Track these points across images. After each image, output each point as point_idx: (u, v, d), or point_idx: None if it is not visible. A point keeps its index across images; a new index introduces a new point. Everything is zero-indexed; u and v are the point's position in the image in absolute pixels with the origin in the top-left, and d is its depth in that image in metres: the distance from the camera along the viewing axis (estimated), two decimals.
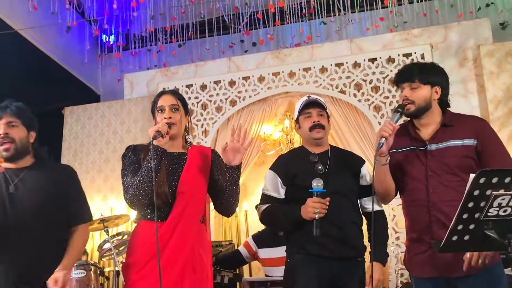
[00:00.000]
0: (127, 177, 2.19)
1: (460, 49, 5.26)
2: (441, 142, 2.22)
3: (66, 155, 6.21)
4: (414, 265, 2.23)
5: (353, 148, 5.17)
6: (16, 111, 2.27)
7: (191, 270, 2.15)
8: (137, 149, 2.28)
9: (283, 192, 2.60)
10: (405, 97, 2.26)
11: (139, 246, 2.16)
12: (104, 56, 6.94)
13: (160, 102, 2.30)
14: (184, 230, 2.17)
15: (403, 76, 2.32)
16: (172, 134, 2.25)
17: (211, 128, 5.68)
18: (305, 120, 2.63)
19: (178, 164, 2.27)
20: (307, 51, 5.71)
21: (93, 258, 5.29)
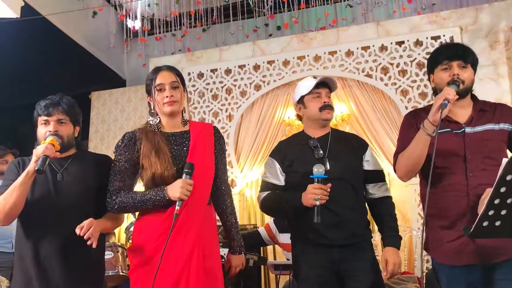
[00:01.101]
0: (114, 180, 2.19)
1: (491, 31, 5.12)
2: (477, 125, 2.15)
3: (93, 139, 6.31)
4: (446, 253, 2.12)
5: (379, 133, 5.12)
6: (67, 109, 2.31)
7: (201, 256, 2.11)
8: (133, 139, 2.23)
9: (283, 178, 2.52)
10: (456, 74, 2.14)
11: (145, 231, 2.16)
12: (130, 41, 6.98)
13: (158, 80, 2.23)
14: (191, 214, 2.13)
15: (455, 53, 2.19)
16: (174, 112, 2.24)
17: (235, 112, 5.68)
18: (314, 100, 2.53)
19: (182, 143, 2.24)
20: (332, 35, 5.64)
21: (120, 240, 5.39)
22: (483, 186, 1.99)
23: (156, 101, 2.23)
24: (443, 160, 2.13)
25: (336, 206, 2.35)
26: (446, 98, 2.01)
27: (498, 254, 2.01)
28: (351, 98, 5.32)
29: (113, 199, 2.17)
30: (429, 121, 2.05)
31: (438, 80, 2.21)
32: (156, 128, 2.25)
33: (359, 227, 2.44)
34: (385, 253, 2.42)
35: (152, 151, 2.16)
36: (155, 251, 2.09)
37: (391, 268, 2.39)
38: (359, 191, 2.50)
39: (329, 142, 2.51)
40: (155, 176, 2.13)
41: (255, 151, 5.55)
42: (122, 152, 2.21)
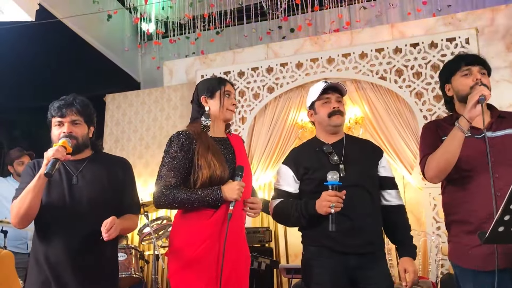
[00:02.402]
0: (167, 176, 2.19)
1: (508, 33, 5.04)
2: (498, 130, 2.16)
3: (108, 141, 6.36)
4: (473, 258, 2.08)
5: (393, 136, 5.08)
6: (81, 110, 2.32)
7: (242, 248, 2.26)
8: (190, 139, 2.24)
9: (297, 186, 2.48)
10: (479, 79, 2.15)
11: (190, 232, 2.17)
12: (144, 44, 7.03)
13: (228, 87, 2.37)
14: (238, 215, 2.22)
15: (475, 58, 2.22)
16: (231, 119, 2.39)
17: (248, 115, 5.68)
18: (323, 106, 2.51)
19: (227, 148, 2.32)
20: (346, 37, 5.61)
21: (134, 242, 5.42)
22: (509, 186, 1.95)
23: (221, 104, 2.32)
24: (466, 164, 2.12)
25: (353, 213, 2.31)
26: (482, 94, 2.01)
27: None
28: (365, 100, 5.28)
29: (167, 194, 2.15)
30: (465, 118, 2.05)
31: (459, 86, 2.21)
32: (206, 130, 2.30)
33: (375, 235, 2.41)
34: (404, 263, 2.39)
35: (208, 151, 2.20)
36: (205, 252, 2.12)
37: (412, 277, 2.35)
38: (375, 197, 2.46)
39: (344, 148, 2.47)
40: (213, 176, 2.17)
41: (268, 153, 5.54)
42: (179, 150, 2.20)
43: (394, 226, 2.48)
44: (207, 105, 2.33)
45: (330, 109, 2.49)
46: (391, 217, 2.48)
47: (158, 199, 2.17)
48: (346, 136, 2.56)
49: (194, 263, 2.12)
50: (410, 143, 4.99)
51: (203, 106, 2.34)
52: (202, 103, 2.34)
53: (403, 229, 2.46)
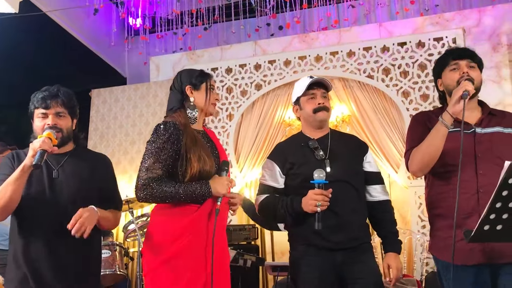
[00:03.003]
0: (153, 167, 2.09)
1: (494, 33, 5.09)
2: (487, 127, 2.17)
3: (93, 137, 6.29)
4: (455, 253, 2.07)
5: (380, 135, 5.09)
6: (66, 102, 2.26)
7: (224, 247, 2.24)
8: (177, 130, 2.14)
9: (283, 181, 2.48)
10: (466, 73, 2.16)
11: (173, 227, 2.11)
12: (131, 39, 6.96)
13: (212, 82, 2.33)
14: (223, 211, 2.19)
15: (463, 52, 2.23)
16: (213, 114, 2.37)
17: (235, 112, 5.66)
18: (309, 101, 2.50)
19: (208, 142, 2.29)
20: (334, 35, 5.61)
21: (118, 239, 5.37)
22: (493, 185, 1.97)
23: (207, 98, 2.27)
24: (453, 158, 2.12)
25: (339, 209, 2.32)
26: (465, 90, 2.02)
27: (506, 254, 2.01)
28: (352, 99, 5.29)
29: (153, 186, 2.05)
30: (448, 113, 2.06)
31: (447, 81, 2.22)
32: (192, 122, 2.24)
33: (361, 230, 2.42)
34: (387, 258, 2.40)
35: (197, 145, 2.14)
36: (188, 248, 2.06)
37: (395, 273, 2.37)
38: (361, 192, 2.47)
39: (329, 143, 2.47)
40: (203, 170, 2.11)
41: (255, 151, 5.52)
42: (167, 140, 2.10)
43: (379, 221, 2.49)
44: (192, 96, 2.25)
45: (315, 104, 2.48)
46: (376, 213, 2.49)
47: (143, 192, 2.06)
48: (331, 131, 2.57)
49: (175, 260, 2.06)
50: (396, 142, 5.01)
51: (187, 96, 2.26)
52: (187, 93, 2.26)
53: (388, 224, 2.47)
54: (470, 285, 2.06)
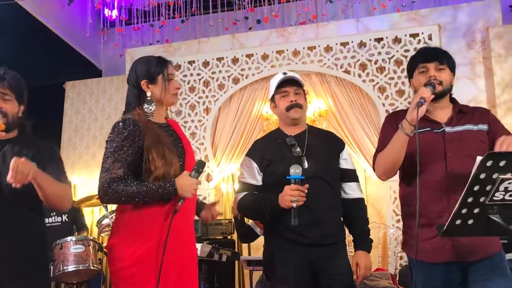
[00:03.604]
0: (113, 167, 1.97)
1: (469, 30, 5.16)
2: (457, 125, 2.18)
3: (67, 130, 6.18)
4: (425, 250, 2.11)
5: (356, 130, 5.12)
6: (13, 85, 2.12)
7: (193, 243, 2.15)
8: (137, 127, 2.03)
9: (261, 178, 2.46)
10: (434, 76, 2.16)
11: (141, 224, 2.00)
12: (106, 31, 6.83)
13: (170, 70, 2.17)
14: (189, 205, 2.09)
15: (431, 55, 2.23)
16: (175, 104, 2.23)
17: (212, 106, 5.62)
18: (282, 99, 2.47)
19: (171, 135, 2.16)
20: (312, 30, 5.61)
21: (92, 233, 5.29)
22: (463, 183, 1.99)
23: (164, 89, 2.12)
24: (424, 158, 2.12)
25: (315, 205, 2.31)
26: (421, 97, 2.02)
27: (475, 252, 2.03)
28: (329, 94, 5.31)
29: (114, 188, 1.93)
30: (407, 120, 2.06)
31: (416, 83, 2.24)
32: (149, 116, 2.11)
33: (336, 227, 2.42)
34: (357, 256, 2.40)
35: (159, 142, 2.02)
36: (151, 249, 1.97)
37: (363, 272, 2.38)
38: (337, 189, 2.47)
39: (307, 140, 2.47)
40: (168, 170, 2.00)
41: (232, 145, 5.50)
42: (126, 138, 1.99)
43: (352, 219, 2.49)
44: (148, 91, 2.12)
45: (288, 102, 2.46)
46: (349, 210, 2.49)
47: (104, 194, 1.95)
48: (308, 128, 2.56)
49: (139, 260, 1.96)
50: (372, 137, 5.05)
51: (144, 91, 2.13)
52: (143, 88, 2.13)
53: (361, 223, 2.47)
54: (439, 282, 2.08)
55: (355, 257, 2.41)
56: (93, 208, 5.50)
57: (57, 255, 3.83)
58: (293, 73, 2.53)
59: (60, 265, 3.81)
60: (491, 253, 2.06)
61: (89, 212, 5.61)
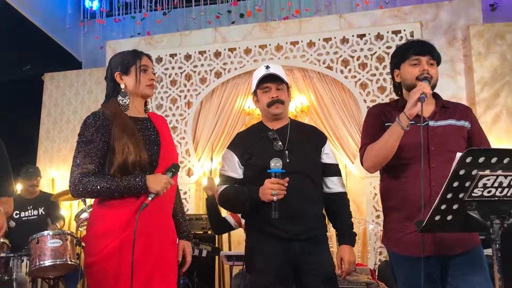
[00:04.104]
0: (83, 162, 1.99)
1: (450, 28, 5.21)
2: (440, 120, 2.18)
3: (45, 123, 6.07)
4: (406, 244, 2.12)
5: (337, 126, 5.14)
6: None
7: (170, 245, 2.10)
8: (106, 120, 2.05)
9: (242, 171, 2.45)
10: (426, 70, 2.15)
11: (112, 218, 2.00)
12: (87, 22, 6.71)
13: (144, 61, 2.16)
14: (163, 202, 2.08)
15: (425, 47, 2.20)
16: (150, 96, 2.20)
17: (194, 99, 5.57)
18: (263, 94, 2.46)
19: (148, 129, 2.16)
20: (295, 25, 5.60)
21: (70, 227, 5.22)
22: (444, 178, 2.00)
23: (137, 80, 2.12)
24: (407, 151, 2.13)
25: (296, 199, 2.31)
26: (423, 92, 2.01)
27: (455, 246, 2.04)
28: (312, 89, 5.31)
29: (84, 183, 1.95)
30: (405, 115, 2.04)
31: (406, 75, 2.20)
32: (124, 109, 2.12)
33: (318, 221, 2.42)
34: (341, 251, 2.41)
35: (124, 134, 2.01)
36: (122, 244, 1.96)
37: (347, 267, 2.39)
38: (318, 184, 2.46)
39: (289, 134, 2.46)
40: (126, 162, 1.98)
41: (214, 139, 5.47)
42: (95, 132, 2.00)
43: (335, 213, 2.49)
44: (122, 82, 2.14)
45: (269, 98, 2.44)
46: (332, 204, 2.49)
47: (75, 189, 1.97)
48: (291, 122, 2.54)
49: (109, 255, 1.96)
50: (353, 133, 5.07)
51: (118, 83, 2.15)
52: (117, 80, 2.15)
53: (344, 217, 2.47)
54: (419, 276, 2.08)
55: (339, 252, 2.41)
56: (72, 202, 5.43)
57: (34, 250, 3.75)
58: (276, 67, 2.50)
59: (37, 259, 3.74)
60: (471, 248, 2.08)
61: (67, 206, 5.53)
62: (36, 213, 4.83)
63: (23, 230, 4.37)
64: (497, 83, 4.95)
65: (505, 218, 1.66)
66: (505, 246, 1.73)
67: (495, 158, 1.56)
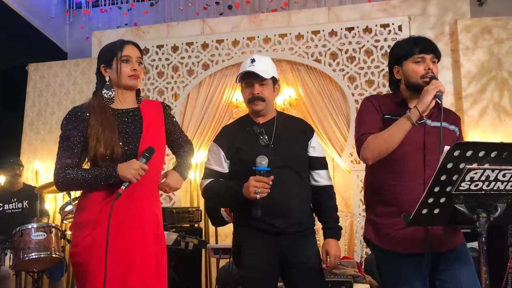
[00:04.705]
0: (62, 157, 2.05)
1: (438, 22, 5.21)
2: (435, 120, 2.16)
3: (29, 114, 5.98)
4: (396, 240, 2.10)
5: (325, 119, 5.13)
6: None
7: (151, 240, 2.07)
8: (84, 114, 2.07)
9: (227, 166, 2.44)
10: (431, 69, 2.12)
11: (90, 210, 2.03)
12: (72, 12, 6.61)
13: (125, 52, 2.13)
14: (143, 194, 2.06)
15: (429, 46, 2.17)
16: (134, 87, 2.16)
17: (181, 91, 5.53)
18: (246, 89, 2.43)
19: (134, 121, 2.14)
20: (283, 17, 5.57)
21: (55, 220, 5.16)
22: None
23: (119, 72, 2.10)
24: (403, 148, 2.10)
25: (282, 194, 2.30)
26: (439, 90, 2.00)
27: (444, 243, 2.05)
28: (300, 82, 5.29)
29: (62, 176, 2.02)
30: (418, 110, 2.01)
31: (410, 72, 2.16)
32: (109, 102, 2.11)
33: (304, 215, 2.41)
34: (327, 245, 2.40)
35: (99, 127, 2.03)
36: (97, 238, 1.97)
37: (332, 262, 2.39)
38: (304, 177, 2.45)
39: (275, 128, 2.43)
40: (97, 156, 2.01)
41: (201, 132, 5.44)
42: (72, 127, 2.04)
43: (321, 206, 2.49)
44: (107, 75, 2.13)
45: (250, 94, 2.41)
46: (318, 198, 2.48)
47: (56, 182, 2.06)
48: (278, 115, 2.51)
49: (87, 248, 1.98)
50: (341, 126, 5.07)
51: (104, 76, 2.15)
52: (102, 73, 2.15)
53: (330, 210, 2.47)
54: (410, 272, 2.08)
55: (325, 246, 2.41)
56: (56, 195, 5.36)
57: (18, 243, 3.72)
58: (263, 61, 2.44)
59: (21, 253, 3.71)
60: (458, 245, 2.11)
61: (52, 198, 5.46)
62: (20, 206, 4.78)
63: (7, 223, 4.32)
64: (484, 78, 4.98)
65: (492, 211, 1.67)
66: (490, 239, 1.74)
67: (482, 152, 1.56)
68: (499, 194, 1.65)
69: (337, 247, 2.41)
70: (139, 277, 1.99)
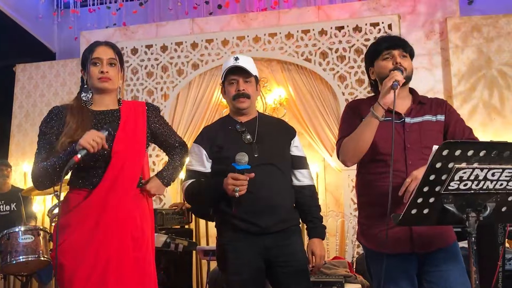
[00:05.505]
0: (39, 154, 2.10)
1: (428, 21, 5.21)
2: (416, 116, 2.17)
3: (17, 115, 5.92)
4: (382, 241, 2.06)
5: (316, 119, 5.12)
6: None
7: (129, 244, 2.04)
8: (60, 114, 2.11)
9: (209, 165, 2.41)
10: (399, 63, 2.13)
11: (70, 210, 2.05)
12: (60, 12, 6.55)
13: (96, 54, 2.12)
14: (120, 196, 2.04)
15: (395, 42, 2.21)
16: (105, 89, 2.15)
17: (171, 92, 5.49)
18: (230, 86, 2.40)
19: (111, 121, 2.13)
20: (273, 16, 5.55)
21: (44, 223, 5.10)
22: None
23: (89, 75, 2.12)
24: (384, 148, 2.11)
25: (266, 192, 2.28)
26: (395, 80, 2.00)
27: (432, 243, 2.04)
28: (290, 82, 5.27)
29: (33, 170, 2.07)
30: (379, 104, 2.02)
31: (380, 69, 2.19)
32: (88, 104, 2.13)
33: (289, 212, 2.40)
34: (311, 245, 2.40)
35: (73, 126, 2.04)
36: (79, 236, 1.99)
37: (318, 261, 2.38)
38: (287, 176, 2.44)
39: (257, 127, 2.42)
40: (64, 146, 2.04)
41: (191, 133, 5.40)
42: (49, 126, 2.08)
43: (303, 206, 2.47)
44: (85, 78, 2.17)
45: (235, 91, 2.39)
46: (301, 197, 2.46)
47: (32, 179, 2.08)
48: (259, 115, 2.51)
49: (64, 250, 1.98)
50: (332, 126, 5.05)
51: (83, 78, 2.19)
52: (82, 74, 2.20)
53: (312, 209, 2.46)
54: (398, 272, 2.08)
55: (310, 246, 2.40)
56: (45, 197, 5.30)
57: (5, 246, 3.66)
58: (246, 59, 2.43)
59: (8, 256, 3.65)
60: (447, 244, 2.09)
61: (40, 201, 5.40)
62: (8, 209, 4.73)
63: None
64: (474, 76, 4.99)
65: (481, 211, 1.65)
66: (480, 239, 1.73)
67: (471, 151, 1.55)
68: (488, 193, 1.64)
69: (322, 247, 2.40)
70: (116, 280, 1.97)
